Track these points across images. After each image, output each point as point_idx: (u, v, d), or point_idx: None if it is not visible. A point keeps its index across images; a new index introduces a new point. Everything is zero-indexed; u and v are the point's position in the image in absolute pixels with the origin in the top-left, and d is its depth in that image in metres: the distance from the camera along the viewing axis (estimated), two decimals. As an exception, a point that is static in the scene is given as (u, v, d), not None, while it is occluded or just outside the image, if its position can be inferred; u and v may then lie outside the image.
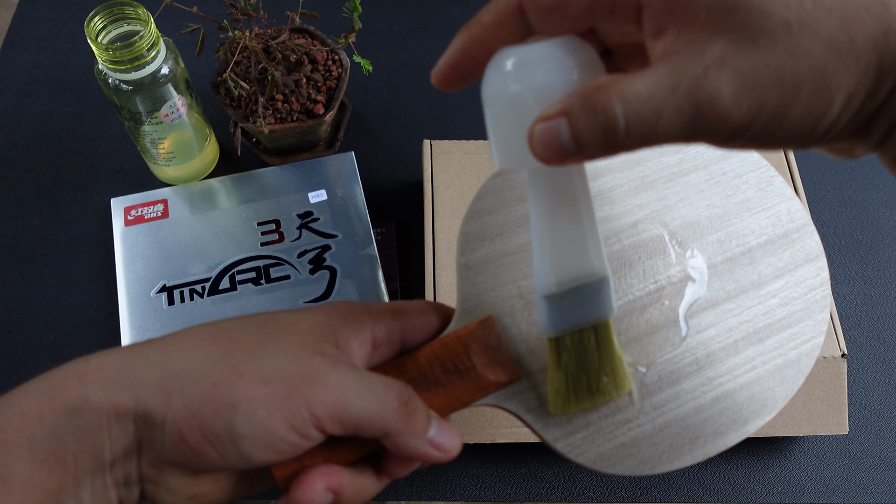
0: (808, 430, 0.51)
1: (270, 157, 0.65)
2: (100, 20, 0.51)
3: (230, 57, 0.58)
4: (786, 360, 0.36)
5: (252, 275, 0.58)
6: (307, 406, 0.28)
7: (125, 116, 0.56)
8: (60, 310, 0.60)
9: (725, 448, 0.34)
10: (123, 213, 0.61)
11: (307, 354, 0.30)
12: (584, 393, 0.33)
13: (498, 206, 0.37)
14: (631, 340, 0.36)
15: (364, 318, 0.33)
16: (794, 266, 0.38)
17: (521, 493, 0.53)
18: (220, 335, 0.30)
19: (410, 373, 0.33)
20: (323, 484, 0.30)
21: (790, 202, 0.39)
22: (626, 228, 0.38)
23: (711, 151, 0.40)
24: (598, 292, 0.31)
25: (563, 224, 0.30)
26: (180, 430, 0.28)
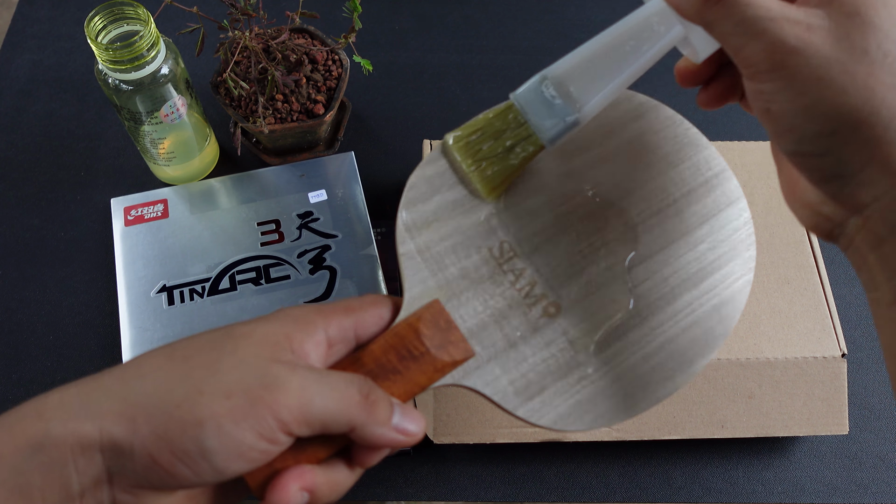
0: (808, 430, 0.51)
1: (270, 157, 0.65)
2: (100, 20, 0.51)
3: (230, 57, 0.58)
4: (721, 300, 0.39)
5: (252, 275, 0.58)
6: (272, 413, 0.29)
7: (125, 116, 0.56)
8: (60, 310, 0.60)
9: (675, 391, 0.37)
10: (123, 213, 0.61)
11: (265, 363, 0.30)
12: (480, 146, 0.37)
13: (430, 194, 0.39)
14: (574, 303, 0.37)
15: (316, 319, 0.33)
16: (717, 211, 0.40)
17: (521, 493, 0.53)
18: (176, 356, 0.31)
19: (368, 365, 0.34)
20: (297, 484, 0.31)
21: (706, 150, 0.41)
22: (555, 198, 0.39)
23: (626, 114, 0.42)
24: (563, 118, 0.35)
25: (611, 57, 0.35)
26: (150, 455, 0.28)
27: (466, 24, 0.76)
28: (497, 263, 0.38)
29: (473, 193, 0.38)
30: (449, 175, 0.39)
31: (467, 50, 0.74)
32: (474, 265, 0.37)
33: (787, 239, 0.55)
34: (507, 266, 0.38)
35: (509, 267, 0.38)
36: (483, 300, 0.37)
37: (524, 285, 0.38)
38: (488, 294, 0.37)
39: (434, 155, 0.39)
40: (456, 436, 0.51)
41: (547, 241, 0.39)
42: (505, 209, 0.39)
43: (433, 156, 0.39)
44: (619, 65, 0.35)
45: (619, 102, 0.42)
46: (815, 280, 0.53)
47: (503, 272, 0.38)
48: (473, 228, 0.38)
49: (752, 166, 0.58)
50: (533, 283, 0.38)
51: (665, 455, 0.54)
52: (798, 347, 0.51)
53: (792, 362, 0.50)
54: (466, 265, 0.37)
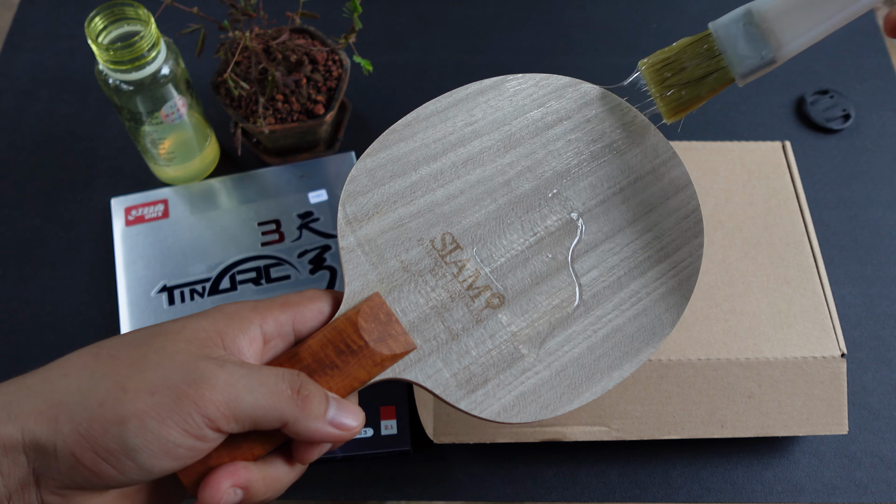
0: (808, 429, 0.51)
1: (271, 158, 0.65)
2: (100, 20, 0.51)
3: (230, 57, 0.58)
4: (668, 288, 0.38)
5: (252, 275, 0.58)
6: (197, 409, 0.28)
7: (125, 116, 0.56)
8: (60, 310, 0.60)
9: (622, 380, 0.37)
10: (124, 213, 0.61)
11: (192, 360, 0.30)
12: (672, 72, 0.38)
13: (371, 186, 0.38)
14: (518, 294, 0.37)
15: (250, 315, 0.33)
16: (664, 198, 0.40)
17: (521, 493, 0.53)
18: (102, 354, 0.30)
19: (305, 360, 0.33)
20: (229, 481, 0.30)
21: (654, 137, 0.41)
22: (499, 188, 0.39)
23: (573, 102, 0.42)
24: (760, 55, 0.35)
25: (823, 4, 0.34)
26: (73, 454, 0.28)
27: (466, 24, 0.76)
28: (439, 255, 0.38)
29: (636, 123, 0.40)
30: (390, 167, 0.39)
31: (467, 50, 0.74)
32: (416, 257, 0.37)
33: (787, 239, 0.55)
34: (450, 258, 0.38)
35: (452, 259, 0.38)
36: (425, 293, 0.37)
37: (467, 277, 0.37)
38: (430, 286, 0.37)
39: (375, 147, 0.39)
40: (456, 436, 0.51)
41: (489, 232, 0.38)
42: (446, 201, 0.39)
43: (374, 148, 0.39)
44: (826, 9, 0.34)
45: (565, 91, 0.42)
46: (815, 280, 0.54)
47: (445, 264, 0.37)
48: (414, 220, 0.38)
49: (752, 166, 0.58)
50: (476, 274, 0.37)
51: (665, 455, 0.54)
52: (798, 347, 0.51)
53: (791, 362, 0.51)
54: (407, 258, 0.37)
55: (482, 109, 0.41)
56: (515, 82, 0.42)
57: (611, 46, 0.74)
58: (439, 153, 0.40)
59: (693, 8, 0.77)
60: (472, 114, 0.41)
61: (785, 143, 0.60)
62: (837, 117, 0.69)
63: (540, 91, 0.42)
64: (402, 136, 0.40)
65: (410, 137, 0.40)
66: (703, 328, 0.51)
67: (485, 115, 0.41)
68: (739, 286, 0.53)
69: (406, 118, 0.40)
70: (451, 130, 0.40)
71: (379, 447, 0.53)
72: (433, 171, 0.39)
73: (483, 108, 0.41)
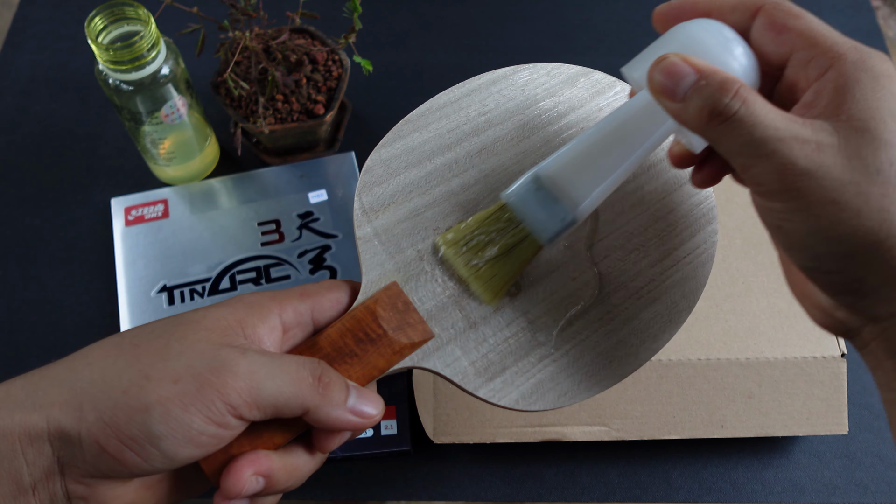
0: (808, 429, 0.51)
1: (271, 157, 0.65)
2: (100, 20, 0.51)
3: (230, 57, 0.58)
4: (684, 275, 0.38)
5: (252, 275, 0.58)
6: (220, 396, 0.29)
7: (125, 116, 0.56)
8: (60, 310, 0.60)
9: (639, 367, 0.37)
10: (124, 213, 0.61)
11: (214, 348, 0.30)
12: (475, 249, 0.36)
13: (386, 177, 0.38)
14: (534, 282, 0.37)
15: (270, 304, 0.33)
16: (678, 185, 0.40)
17: (521, 493, 0.53)
18: (125, 344, 0.31)
19: (325, 349, 0.34)
20: (251, 469, 0.30)
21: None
22: (514, 177, 0.39)
23: (584, 91, 0.42)
24: (560, 219, 0.34)
25: (606, 150, 0.33)
26: (98, 442, 0.28)
27: (466, 24, 0.76)
28: None
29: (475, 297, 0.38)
30: (405, 157, 0.39)
31: (467, 50, 0.74)
32: (432, 247, 0.37)
33: (787, 239, 0.55)
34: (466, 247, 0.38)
35: None
36: (442, 281, 0.37)
37: None
38: (447, 275, 0.37)
39: (389, 138, 0.39)
40: (456, 436, 0.51)
41: None
42: (462, 190, 0.39)
43: (388, 139, 0.39)
44: (612, 160, 0.33)
45: (577, 80, 0.42)
46: (815, 280, 0.53)
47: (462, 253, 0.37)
48: (430, 210, 0.38)
49: (752, 166, 0.58)
50: None
51: (665, 455, 0.54)
52: (798, 347, 0.51)
53: (791, 362, 0.51)
54: (424, 247, 0.37)
55: (495, 99, 0.41)
56: (527, 72, 0.42)
57: (611, 46, 0.74)
58: (453, 143, 0.40)
59: (693, 8, 0.77)
60: (484, 104, 0.41)
61: (785, 143, 0.60)
62: (837, 117, 0.69)
63: (552, 80, 0.42)
64: (416, 127, 0.40)
65: (424, 128, 0.40)
66: (703, 328, 0.51)
67: (497, 104, 0.41)
68: (739, 286, 0.53)
69: (419, 109, 0.40)
70: (464, 120, 0.40)
71: (379, 447, 0.53)
72: (448, 160, 0.39)
73: (496, 98, 0.41)
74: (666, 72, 0.29)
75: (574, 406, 0.51)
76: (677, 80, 0.29)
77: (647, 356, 0.37)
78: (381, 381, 0.36)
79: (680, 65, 0.29)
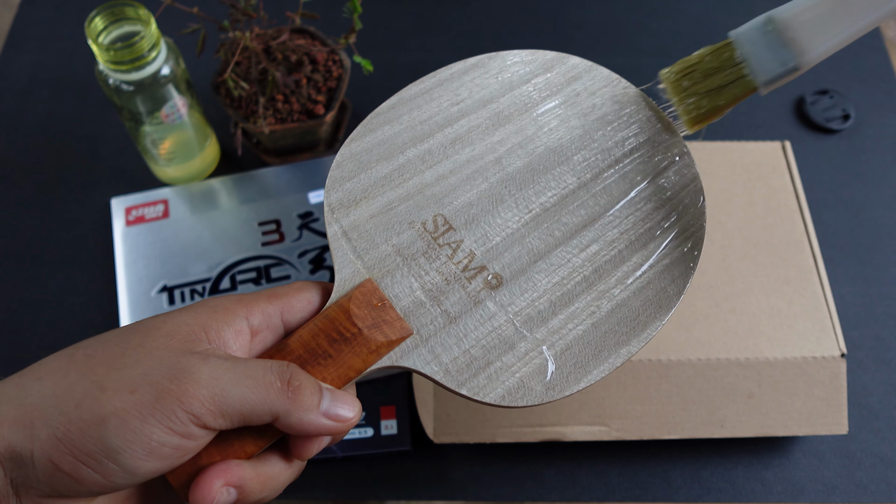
0: (808, 429, 0.51)
1: (271, 158, 0.65)
2: (100, 21, 0.51)
3: (231, 57, 0.58)
4: (672, 260, 0.37)
5: (253, 275, 0.58)
6: (181, 405, 0.27)
7: (126, 117, 0.56)
8: (60, 310, 0.60)
9: (629, 357, 0.35)
10: (124, 213, 0.61)
11: (174, 355, 0.28)
12: (693, 82, 0.37)
13: (357, 171, 0.37)
14: (517, 273, 0.36)
15: (235, 307, 0.32)
16: (662, 168, 0.39)
17: (521, 493, 0.53)
18: (78, 356, 0.29)
19: (296, 351, 0.32)
20: (220, 480, 0.29)
21: (647, 110, 0.40)
22: (490, 166, 0.38)
23: (561, 76, 0.41)
24: (783, 63, 0.34)
25: (843, 5, 0.33)
26: (51, 460, 0.26)
27: (466, 24, 0.76)
28: (431, 238, 0.36)
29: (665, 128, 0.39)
30: (376, 150, 0.38)
31: (467, 50, 0.74)
32: (407, 241, 0.36)
33: (787, 239, 0.55)
34: (443, 239, 0.36)
35: (445, 240, 0.36)
36: (419, 276, 0.35)
37: (462, 258, 0.36)
38: (424, 270, 0.36)
39: (359, 132, 0.38)
40: (456, 436, 0.51)
41: (483, 211, 0.37)
42: (436, 182, 0.38)
43: (358, 132, 0.38)
44: (850, 14, 0.33)
45: (553, 66, 0.41)
46: (815, 280, 0.54)
47: (439, 246, 0.36)
48: (404, 203, 0.37)
49: (752, 166, 0.58)
50: (471, 255, 0.36)
51: (664, 454, 0.54)
52: (797, 347, 0.51)
53: (791, 362, 0.51)
54: (399, 242, 0.36)
55: (468, 88, 0.40)
56: (500, 59, 0.41)
57: (611, 46, 0.74)
58: (426, 134, 0.39)
59: (693, 8, 0.77)
60: (457, 93, 0.40)
61: (785, 143, 0.60)
62: (837, 117, 0.69)
63: (527, 67, 0.41)
64: (387, 119, 0.39)
65: (395, 120, 0.39)
66: (703, 328, 0.51)
67: (471, 93, 0.40)
68: (739, 286, 0.53)
69: (390, 101, 0.39)
70: (436, 111, 0.39)
71: (379, 447, 0.53)
72: (420, 152, 0.38)
73: (469, 87, 0.40)
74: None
75: (574, 406, 0.51)
76: None
77: (639, 345, 0.36)
78: (381, 381, 0.35)
79: None
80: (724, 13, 0.76)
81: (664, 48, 0.74)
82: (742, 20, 0.37)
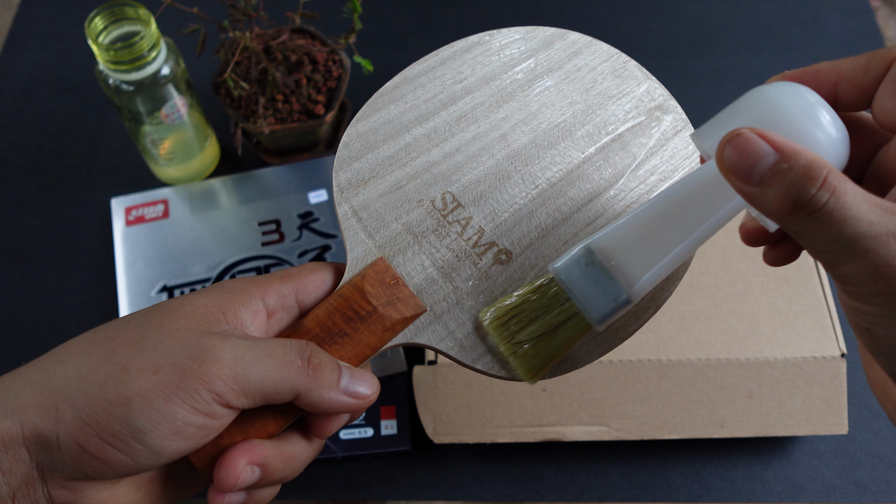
0: (808, 429, 0.51)
1: (271, 158, 0.65)
2: (100, 21, 0.51)
3: (231, 57, 0.58)
4: None
5: (252, 275, 0.58)
6: (204, 384, 0.27)
7: (126, 117, 0.56)
8: (60, 310, 0.60)
9: (640, 328, 0.35)
10: (124, 213, 0.61)
11: (195, 335, 0.29)
12: (520, 327, 0.34)
13: (364, 151, 0.38)
14: (526, 247, 0.36)
15: (250, 288, 0.32)
16: (664, 141, 0.39)
17: (521, 493, 0.53)
18: (99, 339, 0.29)
19: (313, 330, 0.33)
20: (245, 459, 0.29)
21: (648, 82, 0.40)
22: (495, 143, 0.38)
23: (561, 52, 0.41)
24: (613, 298, 0.31)
25: (666, 224, 0.30)
26: (77, 442, 0.27)
27: (466, 24, 0.76)
28: (441, 215, 0.37)
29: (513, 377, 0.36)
30: (382, 130, 0.38)
31: (467, 50, 0.74)
32: (417, 219, 0.36)
33: (787, 239, 0.55)
34: (452, 217, 0.37)
35: (454, 217, 0.37)
36: (430, 254, 0.36)
37: (471, 235, 0.36)
38: (434, 247, 0.36)
39: (365, 111, 0.38)
40: (456, 436, 0.51)
41: (490, 187, 0.38)
42: (443, 160, 0.38)
43: (364, 112, 0.38)
44: (673, 235, 0.30)
45: (553, 41, 0.41)
46: (815, 280, 0.54)
47: (448, 223, 0.37)
48: (412, 182, 0.37)
49: (752, 166, 0.58)
50: (480, 231, 0.37)
51: (664, 455, 0.54)
52: (797, 347, 0.51)
53: (791, 362, 0.51)
54: (409, 220, 0.36)
55: (470, 66, 0.40)
56: (501, 37, 0.41)
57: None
58: (431, 112, 0.39)
59: (693, 8, 0.77)
60: (460, 71, 0.40)
61: (785, 143, 0.60)
62: (837, 117, 0.69)
63: (527, 44, 0.41)
64: (392, 99, 0.39)
65: (400, 99, 0.39)
66: (703, 328, 0.51)
67: (473, 71, 0.40)
68: (739, 286, 0.53)
69: (394, 80, 0.40)
70: (440, 89, 0.40)
71: (379, 447, 0.53)
72: (426, 130, 0.39)
73: (471, 65, 0.40)
74: (739, 150, 0.25)
75: (574, 406, 0.51)
76: (753, 160, 0.25)
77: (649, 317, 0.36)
78: (381, 381, 0.35)
79: (756, 142, 0.25)
80: (724, 13, 0.76)
81: (664, 48, 0.74)
82: (742, 20, 0.37)
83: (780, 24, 0.74)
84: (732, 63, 0.72)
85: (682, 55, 0.73)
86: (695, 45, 0.74)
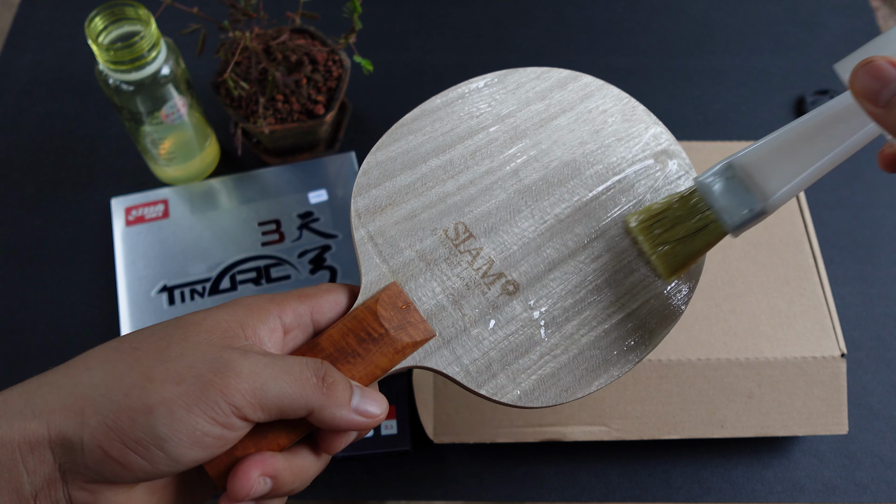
0: (808, 429, 0.51)
1: (271, 158, 0.65)
2: (100, 21, 0.51)
3: (231, 57, 0.58)
4: None
5: (252, 275, 0.58)
6: (224, 397, 0.28)
7: (126, 117, 0.56)
8: (60, 310, 0.60)
9: (637, 362, 0.37)
10: (124, 213, 0.61)
11: (216, 349, 0.30)
12: (663, 230, 0.37)
13: (382, 179, 0.39)
14: (532, 280, 0.38)
15: (268, 306, 0.33)
16: (667, 182, 0.41)
17: (521, 493, 0.53)
18: (124, 348, 0.30)
19: (327, 349, 0.34)
20: (258, 471, 0.30)
21: (655, 127, 0.42)
22: (508, 177, 0.40)
23: (574, 94, 0.43)
24: (749, 207, 0.34)
25: (803, 144, 0.33)
26: (101, 447, 0.28)
27: (466, 24, 0.76)
28: (453, 244, 0.38)
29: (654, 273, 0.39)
30: (401, 159, 0.40)
31: (467, 50, 0.74)
32: (430, 247, 0.38)
33: (787, 239, 0.55)
34: (464, 247, 0.38)
35: (465, 247, 0.38)
36: (441, 281, 0.37)
37: (481, 265, 0.38)
38: (445, 275, 0.38)
39: (385, 141, 0.40)
40: (456, 436, 0.51)
41: (501, 220, 0.39)
42: (457, 191, 0.40)
43: (384, 141, 0.40)
44: (809, 154, 0.33)
45: (566, 83, 0.43)
46: (815, 280, 0.54)
47: (459, 253, 0.38)
48: (427, 211, 0.39)
49: (752, 166, 0.58)
50: (490, 262, 0.38)
51: (664, 455, 0.54)
52: (797, 347, 0.51)
53: (791, 362, 0.51)
54: (422, 248, 0.38)
55: (487, 102, 0.42)
56: (517, 76, 0.43)
57: (611, 46, 0.74)
58: (447, 145, 0.41)
59: (693, 8, 0.77)
60: (477, 107, 0.42)
61: (785, 143, 0.60)
62: (837, 117, 0.69)
63: (542, 84, 0.43)
64: (411, 130, 0.41)
65: (419, 130, 0.41)
66: (703, 328, 0.51)
67: (490, 107, 0.42)
68: (739, 286, 0.53)
69: (413, 112, 0.41)
70: (457, 123, 0.41)
71: (379, 447, 0.53)
72: (442, 162, 0.40)
73: (487, 101, 0.42)
74: (870, 74, 0.28)
75: (574, 406, 0.51)
76: (882, 83, 0.28)
77: (646, 352, 0.38)
78: (381, 381, 0.36)
79: (885, 68, 0.28)
80: (724, 13, 0.76)
81: (664, 48, 0.74)
82: (741, 20, 0.37)
83: (780, 24, 0.74)
84: (732, 63, 0.72)
85: (682, 55, 0.73)
86: (695, 45, 0.74)
